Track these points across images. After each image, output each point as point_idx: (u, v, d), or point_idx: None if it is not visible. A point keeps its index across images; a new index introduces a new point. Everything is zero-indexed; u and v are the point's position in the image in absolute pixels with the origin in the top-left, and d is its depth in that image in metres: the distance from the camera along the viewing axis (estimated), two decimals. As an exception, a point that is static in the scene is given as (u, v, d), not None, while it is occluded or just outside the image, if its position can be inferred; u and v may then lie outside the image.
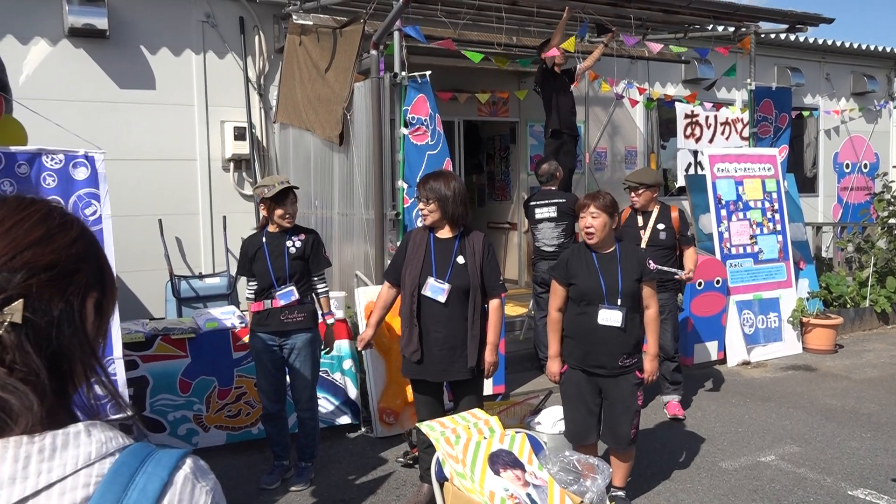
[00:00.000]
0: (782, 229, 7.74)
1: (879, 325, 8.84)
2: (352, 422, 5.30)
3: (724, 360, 7.13)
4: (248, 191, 7.23)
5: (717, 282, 7.06)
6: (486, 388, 4.97)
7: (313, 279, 4.36)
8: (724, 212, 7.39)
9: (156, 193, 6.83)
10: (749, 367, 7.06)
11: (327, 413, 5.17)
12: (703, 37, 8.54)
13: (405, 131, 5.67)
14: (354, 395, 5.32)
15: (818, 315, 7.67)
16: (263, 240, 4.26)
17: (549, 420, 4.25)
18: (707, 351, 7.07)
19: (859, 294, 8.68)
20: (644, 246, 5.39)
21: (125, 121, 6.71)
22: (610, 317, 3.72)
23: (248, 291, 4.34)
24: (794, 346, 7.60)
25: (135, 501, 0.79)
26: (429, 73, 5.80)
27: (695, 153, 9.40)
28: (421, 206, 3.86)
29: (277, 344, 4.26)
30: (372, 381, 5.22)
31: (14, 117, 4.44)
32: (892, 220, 9.25)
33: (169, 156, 6.94)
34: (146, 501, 0.79)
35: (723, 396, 6.13)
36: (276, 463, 4.45)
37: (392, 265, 4.03)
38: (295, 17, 6.56)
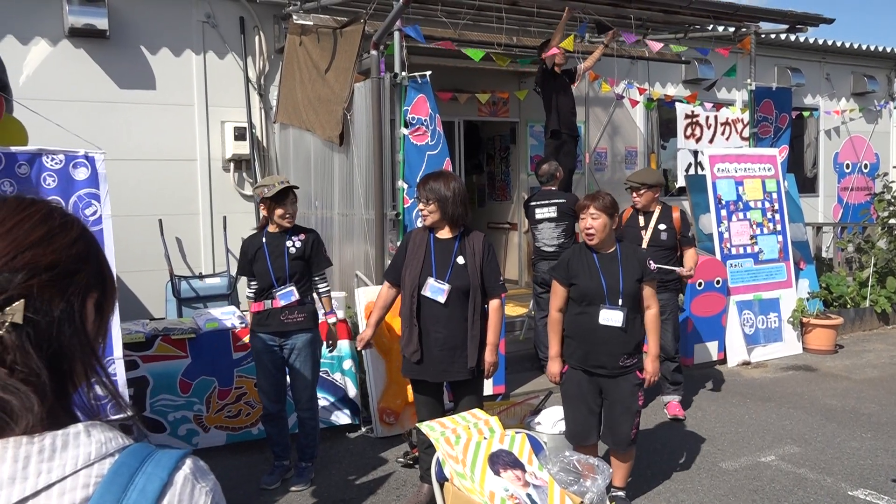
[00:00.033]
0: (782, 229, 7.73)
1: (880, 325, 8.84)
2: (352, 422, 5.30)
3: (724, 361, 7.12)
4: (249, 191, 7.23)
5: (718, 282, 7.06)
6: (487, 388, 4.97)
7: (315, 279, 4.36)
8: (724, 212, 7.39)
9: (156, 193, 6.83)
10: (749, 368, 7.06)
11: (327, 413, 5.17)
12: (704, 37, 8.54)
13: (405, 131, 5.67)
14: (354, 396, 5.32)
15: (818, 315, 7.67)
16: (263, 240, 4.26)
17: (549, 420, 4.25)
18: (707, 351, 7.07)
19: (859, 294, 8.68)
20: (645, 246, 5.39)
21: (125, 121, 6.72)
22: (611, 317, 3.72)
23: (248, 291, 4.34)
24: (794, 346, 7.60)
25: (134, 502, 0.79)
26: (429, 73, 5.80)
27: (695, 153, 9.40)
28: (421, 207, 3.86)
29: (278, 344, 4.26)
30: (372, 381, 5.22)
31: (14, 117, 4.45)
32: (892, 221, 9.24)
33: (169, 156, 6.94)
34: (146, 502, 0.79)
35: (723, 397, 6.12)
36: (277, 463, 4.45)
37: (392, 265, 4.03)
38: (295, 17, 6.56)
